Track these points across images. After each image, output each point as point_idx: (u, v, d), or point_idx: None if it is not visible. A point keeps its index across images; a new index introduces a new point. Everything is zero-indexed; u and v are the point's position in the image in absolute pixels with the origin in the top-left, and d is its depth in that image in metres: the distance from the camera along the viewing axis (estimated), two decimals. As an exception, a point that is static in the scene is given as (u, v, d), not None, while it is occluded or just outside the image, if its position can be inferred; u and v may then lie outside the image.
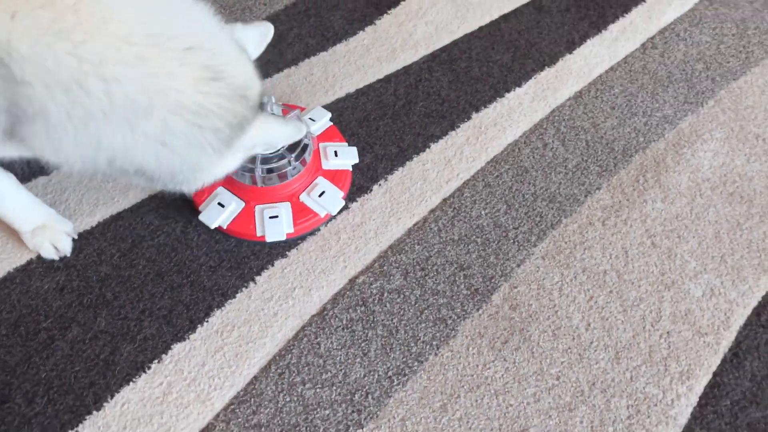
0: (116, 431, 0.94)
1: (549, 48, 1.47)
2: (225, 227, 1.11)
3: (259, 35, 0.93)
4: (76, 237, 1.12)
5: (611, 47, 1.48)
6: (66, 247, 1.09)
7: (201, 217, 1.11)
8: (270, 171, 1.10)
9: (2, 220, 1.08)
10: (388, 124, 1.31)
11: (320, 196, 1.14)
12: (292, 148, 1.11)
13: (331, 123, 1.26)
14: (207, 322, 1.05)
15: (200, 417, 0.96)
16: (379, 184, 1.23)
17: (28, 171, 1.18)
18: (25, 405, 0.95)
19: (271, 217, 1.11)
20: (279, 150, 1.10)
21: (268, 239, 1.10)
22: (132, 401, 0.97)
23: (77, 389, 0.97)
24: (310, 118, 1.24)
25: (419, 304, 1.09)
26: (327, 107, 1.31)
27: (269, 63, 1.38)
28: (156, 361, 1.00)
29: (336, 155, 1.20)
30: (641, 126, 1.34)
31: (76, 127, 0.70)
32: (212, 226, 1.10)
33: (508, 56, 1.45)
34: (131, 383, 0.98)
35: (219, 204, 1.11)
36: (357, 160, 1.21)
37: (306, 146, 1.13)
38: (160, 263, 1.10)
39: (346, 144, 1.24)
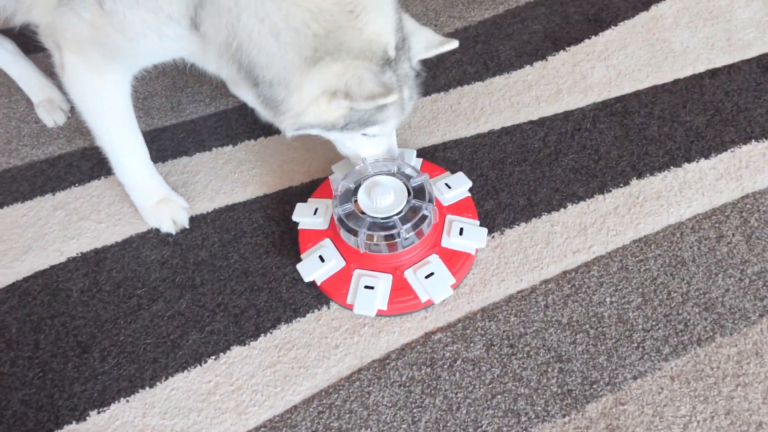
0: (158, 412, 0.95)
1: (765, 118, 1.16)
2: (319, 284, 1.03)
3: (435, 41, 0.97)
4: (192, 214, 1.17)
5: None
6: (185, 222, 1.16)
7: (298, 267, 1.04)
8: (385, 237, 0.98)
9: (128, 193, 1.18)
10: (525, 172, 1.15)
11: (427, 277, 0.99)
12: (406, 218, 0.98)
13: (469, 194, 1.10)
14: (271, 333, 1.01)
15: (231, 428, 0.93)
16: (493, 236, 1.07)
17: (175, 150, 1.28)
18: (99, 360, 1.02)
19: (366, 287, 0.99)
20: (390, 217, 0.99)
21: (356, 311, 0.98)
22: (180, 389, 0.97)
23: (142, 361, 1.01)
24: (446, 184, 1.10)
25: (494, 385, 0.92)
26: (464, 141, 1.20)
27: (420, 85, 1.31)
28: (213, 357, 1.00)
29: (461, 234, 1.03)
30: None
31: (229, 10, 0.83)
32: (306, 280, 1.03)
33: (703, 119, 1.17)
34: (185, 371, 0.99)
35: (320, 257, 1.03)
36: (484, 245, 1.03)
37: (425, 217, 0.99)
38: (250, 262, 1.10)
39: (477, 223, 1.06)
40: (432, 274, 0.99)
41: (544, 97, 1.25)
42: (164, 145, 1.29)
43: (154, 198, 1.16)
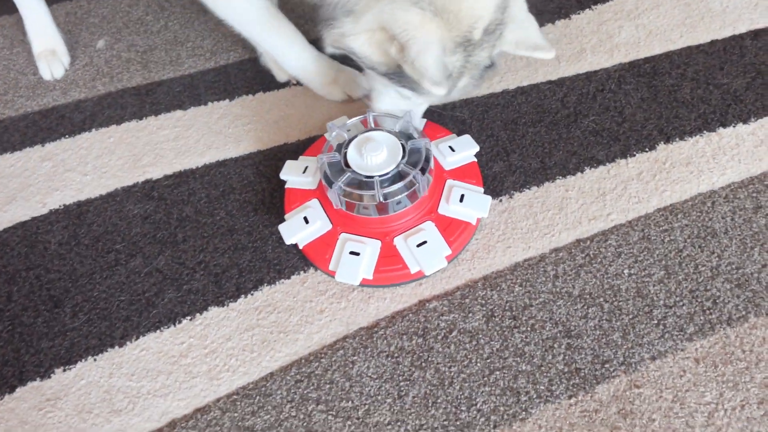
0: (125, 373, 0.88)
1: (813, 81, 1.04)
2: (301, 247, 0.93)
3: (529, 43, 0.82)
4: (181, 168, 1.11)
5: None
6: (356, 92, 1.13)
7: (280, 227, 0.95)
8: (385, 197, 0.88)
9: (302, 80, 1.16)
10: (539, 133, 1.04)
11: (419, 246, 0.89)
12: (390, 181, 0.88)
13: (475, 159, 0.99)
14: (252, 294, 0.93)
15: (201, 394, 0.85)
16: (500, 200, 0.98)
17: (170, 104, 1.21)
18: (70, 316, 0.95)
19: (351, 253, 0.90)
20: (373, 177, 0.88)
21: (338, 278, 0.89)
22: (150, 350, 0.90)
23: (114, 318, 0.94)
24: (450, 147, 0.99)
25: (492, 360, 0.82)
26: (474, 100, 1.10)
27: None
28: (189, 317, 0.92)
29: (461, 201, 0.92)
30: None
31: None
32: (287, 242, 0.93)
33: (742, 82, 1.05)
34: (158, 331, 0.91)
35: (304, 219, 0.94)
36: (486, 215, 0.92)
37: (412, 184, 0.88)
38: (237, 220, 1.02)
39: (482, 191, 0.95)
40: (425, 242, 0.89)
41: (565, 56, 1.15)
42: (159, 98, 1.23)
43: (329, 76, 1.13)
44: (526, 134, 1.04)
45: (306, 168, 1.01)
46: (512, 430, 0.76)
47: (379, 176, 0.88)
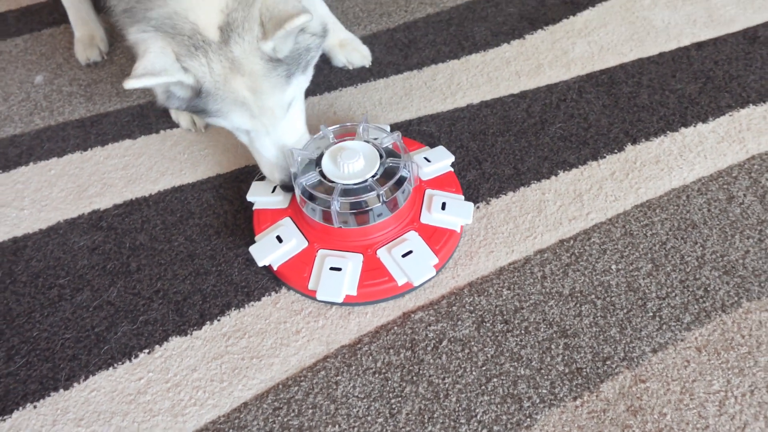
0: (72, 419, 0.76)
1: (759, 83, 1.08)
2: (275, 268, 0.87)
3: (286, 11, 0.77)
4: (132, 197, 1.02)
5: None
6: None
7: (251, 249, 0.88)
8: (352, 207, 0.84)
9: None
10: (509, 142, 1.03)
11: (404, 256, 0.84)
12: (382, 181, 0.85)
13: (452, 169, 0.97)
14: (218, 320, 0.84)
15: (164, 434, 0.74)
16: (478, 207, 0.94)
17: (117, 134, 1.14)
18: (4, 360, 0.82)
19: (332, 269, 0.84)
20: (365, 181, 0.84)
21: (320, 297, 0.82)
22: (102, 390, 0.78)
23: (57, 359, 0.82)
24: (425, 158, 0.97)
25: (488, 367, 0.76)
26: (440, 115, 1.08)
27: (390, 65, 1.21)
28: (146, 350, 0.82)
29: (443, 209, 0.89)
30: None
31: None
32: (260, 264, 0.86)
33: (695, 87, 1.09)
34: (110, 368, 0.80)
35: (277, 238, 0.88)
36: (470, 221, 0.88)
37: (404, 179, 0.85)
38: (197, 244, 0.94)
39: (462, 198, 0.93)
40: (410, 252, 0.84)
41: (524, 71, 1.16)
42: (105, 129, 1.15)
43: None
44: (496, 143, 1.03)
45: (275, 187, 0.95)
46: (518, 440, 0.70)
47: (371, 177, 0.85)
